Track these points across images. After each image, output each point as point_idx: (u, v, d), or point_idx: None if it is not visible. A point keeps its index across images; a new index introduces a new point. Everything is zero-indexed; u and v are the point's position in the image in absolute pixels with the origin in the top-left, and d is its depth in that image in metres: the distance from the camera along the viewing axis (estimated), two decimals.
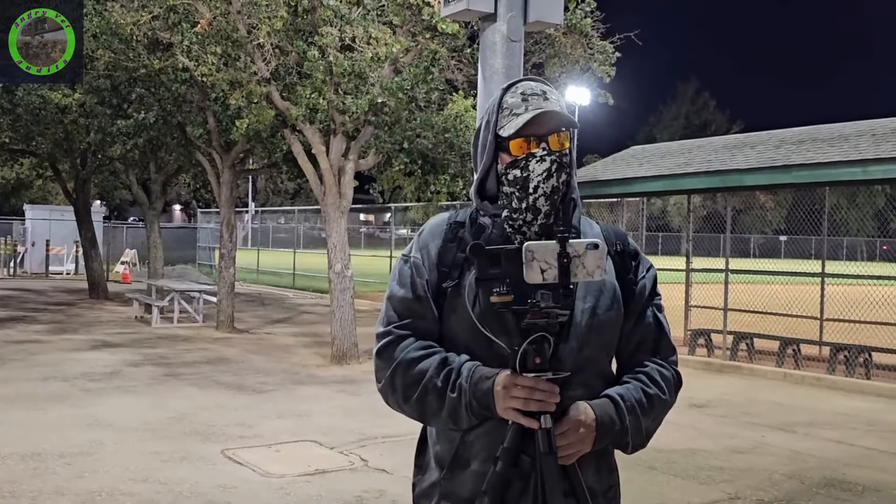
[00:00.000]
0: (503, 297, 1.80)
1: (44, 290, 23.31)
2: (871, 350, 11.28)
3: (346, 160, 11.87)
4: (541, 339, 1.79)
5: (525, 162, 1.95)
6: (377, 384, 2.06)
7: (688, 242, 14.80)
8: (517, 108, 1.98)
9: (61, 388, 9.25)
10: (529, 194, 1.94)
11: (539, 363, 1.81)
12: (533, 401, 1.81)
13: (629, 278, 2.07)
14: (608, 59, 12.57)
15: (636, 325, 2.08)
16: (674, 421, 8.38)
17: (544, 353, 1.81)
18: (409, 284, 2.03)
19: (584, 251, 1.80)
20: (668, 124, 79.04)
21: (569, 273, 1.79)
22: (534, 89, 2.01)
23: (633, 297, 2.06)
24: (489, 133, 2.02)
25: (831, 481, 6.47)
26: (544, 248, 1.79)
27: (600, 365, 2.03)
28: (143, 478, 6.02)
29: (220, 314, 15.07)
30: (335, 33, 10.48)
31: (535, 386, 1.81)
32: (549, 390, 1.81)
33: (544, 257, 1.79)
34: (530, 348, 1.80)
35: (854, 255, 35.05)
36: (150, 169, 20.24)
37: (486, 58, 6.90)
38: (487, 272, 1.84)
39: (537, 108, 1.96)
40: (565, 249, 1.79)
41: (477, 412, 1.90)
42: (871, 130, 12.60)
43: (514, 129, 1.96)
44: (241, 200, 40.94)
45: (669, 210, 43.41)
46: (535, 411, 1.82)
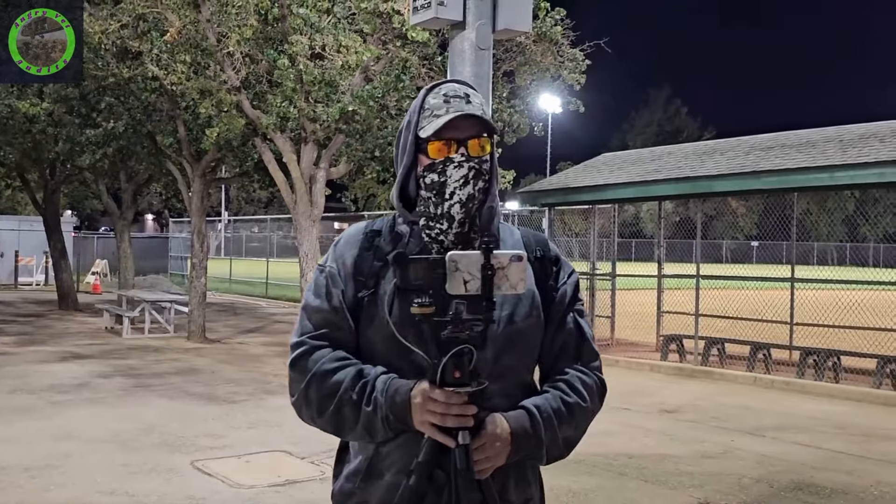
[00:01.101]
0: (424, 308, 1.76)
1: (12, 301, 23.02)
2: (839, 354, 11.39)
3: (318, 168, 11.84)
4: (461, 352, 1.75)
5: (443, 166, 1.92)
6: (290, 397, 2.00)
7: (659, 248, 14.89)
8: (438, 110, 1.94)
9: (28, 401, 9.14)
10: (445, 200, 1.92)
11: (458, 377, 1.76)
12: (450, 416, 1.77)
13: (550, 284, 2.04)
14: (578, 67, 12.64)
15: (557, 331, 2.04)
16: (644, 426, 8.47)
17: (464, 367, 1.76)
18: (325, 295, 1.98)
19: (508, 263, 1.76)
20: (641, 131, 79.54)
21: (492, 285, 1.75)
22: (457, 91, 1.96)
23: (553, 303, 2.03)
24: (410, 134, 1.98)
25: (799, 485, 6.51)
26: (468, 258, 1.75)
27: (519, 374, 2.00)
28: (111, 490, 5.95)
29: (191, 324, 14.95)
30: (305, 41, 10.46)
31: (452, 401, 1.77)
32: (466, 405, 1.77)
33: (468, 268, 1.75)
34: (450, 362, 1.75)
35: (825, 260, 35.42)
36: (121, 178, 20.06)
37: (455, 65, 6.90)
38: (409, 282, 1.80)
39: (458, 111, 1.92)
40: (489, 261, 1.75)
41: (394, 425, 1.86)
42: (839, 137, 12.75)
43: (432, 131, 1.92)
44: (213, 210, 40.72)
45: (643, 216, 43.70)
46: (452, 427, 1.78)
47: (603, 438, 7.93)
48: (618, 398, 10.20)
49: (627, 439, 8.00)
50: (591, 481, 6.46)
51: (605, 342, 14.71)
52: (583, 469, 6.77)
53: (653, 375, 12.44)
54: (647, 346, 14.43)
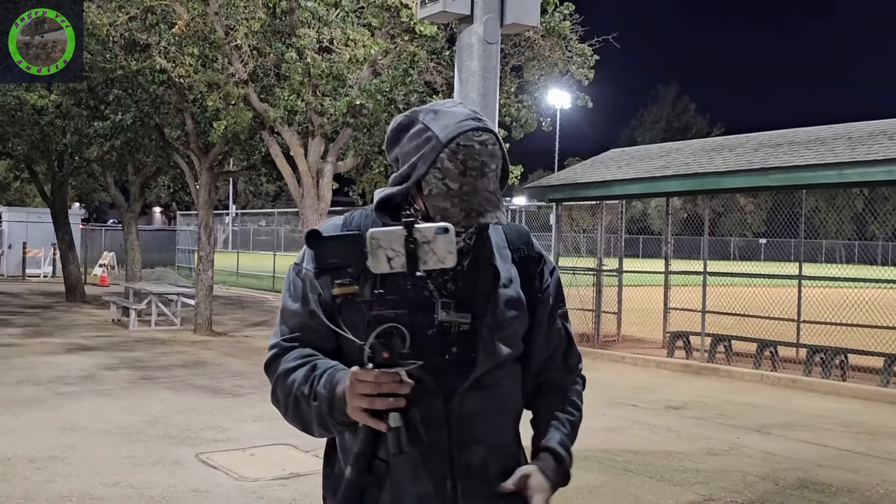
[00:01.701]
0: (345, 288, 1.70)
1: (20, 293, 23.10)
2: (847, 352, 11.35)
3: (325, 162, 11.83)
4: (389, 332, 1.66)
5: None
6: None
7: (666, 245, 14.85)
8: (452, 181, 1.81)
9: (34, 392, 9.16)
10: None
11: (388, 358, 1.66)
12: (378, 398, 1.67)
13: (535, 284, 2.02)
14: (587, 62, 12.59)
15: (546, 335, 2.05)
16: (650, 423, 8.46)
17: (394, 348, 1.66)
18: (301, 298, 1.93)
19: (433, 236, 1.66)
20: (650, 127, 79.39)
21: (417, 260, 1.66)
22: (475, 159, 1.82)
23: (540, 304, 2.02)
24: (413, 172, 1.85)
25: (805, 482, 6.49)
26: (390, 234, 1.66)
27: (508, 369, 1.97)
28: (115, 482, 5.96)
29: (197, 317, 14.98)
30: (313, 35, 10.44)
31: (378, 381, 1.66)
32: (397, 385, 1.68)
33: (390, 245, 1.66)
34: (377, 342, 1.66)
35: (833, 258, 35.29)
36: (128, 171, 20.09)
37: (463, 60, 6.89)
38: (327, 262, 1.73)
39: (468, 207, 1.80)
40: (412, 235, 1.66)
41: (338, 418, 1.79)
42: (848, 134, 12.69)
43: (437, 214, 1.81)
44: (221, 203, 40.79)
45: (650, 213, 43.60)
46: (381, 409, 1.68)
47: (608, 435, 7.93)
48: (623, 394, 10.19)
49: (633, 435, 7.98)
50: (595, 477, 6.44)
51: (612, 338, 14.69)
52: (588, 465, 6.75)
53: (659, 372, 12.42)
54: (653, 343, 14.40)
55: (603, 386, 10.73)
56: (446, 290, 1.89)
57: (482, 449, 1.91)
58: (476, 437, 1.89)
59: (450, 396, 1.86)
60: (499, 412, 1.95)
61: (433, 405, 1.84)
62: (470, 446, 1.89)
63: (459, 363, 1.86)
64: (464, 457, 1.88)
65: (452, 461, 1.87)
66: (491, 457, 1.92)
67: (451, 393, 1.86)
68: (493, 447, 1.93)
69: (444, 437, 1.86)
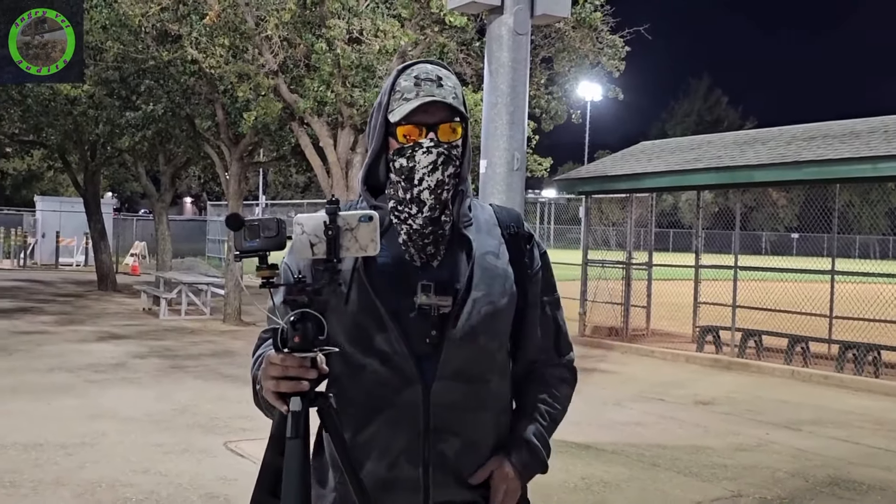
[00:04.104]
0: (262, 272, 1.71)
1: (53, 281, 23.39)
2: (880, 348, 11.19)
3: (354, 153, 11.83)
4: (303, 316, 1.68)
5: (411, 151, 1.86)
6: None
7: (697, 239, 14.72)
8: (408, 93, 1.86)
9: (66, 379, 9.27)
10: (414, 185, 1.86)
11: (299, 342, 1.67)
12: (283, 381, 1.69)
13: (524, 262, 1.99)
14: (618, 54, 12.49)
15: (535, 321, 2.02)
16: (678, 418, 8.40)
17: (306, 332, 1.67)
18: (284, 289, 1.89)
19: (356, 224, 1.68)
20: (681, 120, 78.68)
21: (337, 247, 1.68)
22: (428, 74, 1.89)
23: (529, 283, 1.99)
24: (380, 116, 1.91)
25: (835, 480, 6.41)
26: (313, 220, 1.68)
27: (493, 356, 1.94)
28: (144, 469, 6.01)
29: (227, 307, 15.08)
30: (343, 25, 10.44)
31: (284, 364, 1.68)
32: (302, 369, 1.68)
33: (314, 231, 1.68)
34: (289, 326, 1.68)
35: (867, 253, 34.80)
36: (159, 161, 20.26)
37: (493, 51, 6.86)
38: (243, 244, 1.73)
39: (428, 95, 1.85)
40: (335, 222, 1.67)
41: (263, 402, 1.81)
42: (884, 127, 12.48)
43: (401, 115, 1.85)
44: (251, 193, 40.95)
45: (681, 206, 43.24)
46: (285, 392, 1.70)
47: (636, 429, 7.88)
48: (652, 389, 10.12)
49: (661, 430, 7.92)
50: (623, 472, 6.40)
51: (641, 332, 14.60)
52: (616, 459, 6.72)
53: (688, 367, 12.32)
54: (682, 337, 14.29)
55: (631, 380, 10.68)
56: (427, 256, 1.88)
57: (458, 441, 1.88)
58: (453, 429, 1.87)
59: (430, 383, 1.84)
60: (479, 407, 1.91)
61: (411, 392, 1.84)
62: (446, 437, 1.87)
63: (440, 349, 1.84)
64: (439, 446, 1.86)
65: (427, 450, 1.85)
66: (467, 450, 1.90)
67: (432, 380, 1.84)
68: (470, 441, 1.90)
69: (420, 424, 1.84)
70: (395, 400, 1.85)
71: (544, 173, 16.55)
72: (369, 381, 1.86)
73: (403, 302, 1.83)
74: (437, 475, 1.86)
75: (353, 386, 1.89)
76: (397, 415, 1.85)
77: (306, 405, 1.71)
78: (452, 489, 1.89)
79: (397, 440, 1.85)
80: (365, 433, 1.88)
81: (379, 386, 1.85)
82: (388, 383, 1.85)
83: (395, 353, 1.83)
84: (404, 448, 1.85)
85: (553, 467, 2.06)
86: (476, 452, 1.91)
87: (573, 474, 6.20)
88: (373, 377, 1.86)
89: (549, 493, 5.67)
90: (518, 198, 6.70)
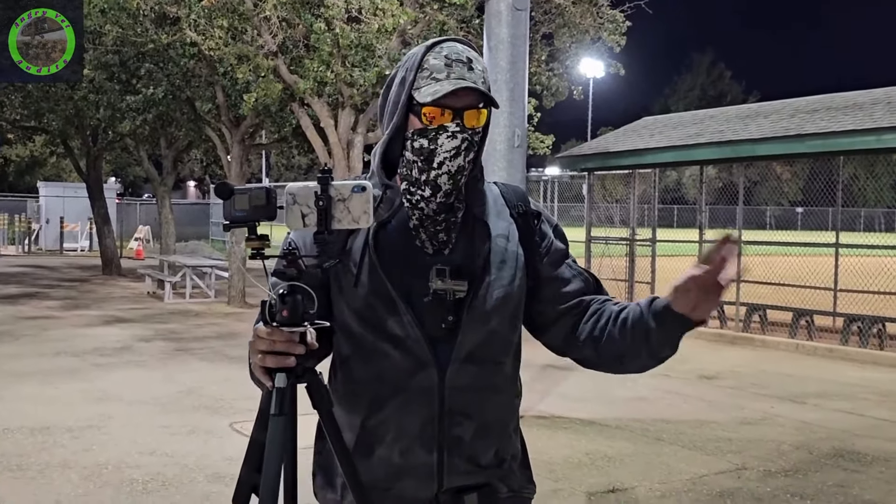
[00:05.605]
0: (251, 242, 1.66)
1: (57, 266, 23.44)
2: (885, 321, 11.18)
3: (355, 133, 11.82)
4: (293, 290, 1.63)
5: (435, 134, 1.79)
6: None
7: (701, 214, 14.68)
8: (438, 73, 1.79)
9: (72, 363, 9.30)
10: (433, 168, 1.80)
11: (287, 316, 1.62)
12: (269, 356, 1.64)
13: (535, 240, 1.95)
14: (618, 28, 12.43)
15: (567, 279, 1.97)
16: (683, 392, 8.41)
17: (295, 306, 1.62)
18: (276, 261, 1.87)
19: (349, 194, 1.62)
20: (684, 95, 78.35)
21: (330, 218, 1.62)
22: (460, 55, 1.81)
23: (542, 258, 1.94)
24: (403, 91, 1.82)
25: (840, 452, 6.42)
26: (305, 190, 1.62)
27: (507, 339, 1.91)
28: (151, 451, 6.04)
29: (231, 289, 15.11)
30: (341, 5, 10.39)
31: (270, 338, 1.63)
32: (289, 343, 1.64)
33: (305, 201, 1.62)
34: (277, 299, 1.62)
35: (872, 226, 34.73)
36: (161, 145, 20.24)
37: (492, 27, 6.82)
38: (232, 213, 1.67)
39: (460, 79, 1.78)
40: (326, 192, 1.61)
41: (253, 376, 1.77)
42: (887, 98, 12.41)
43: (431, 97, 1.78)
44: (254, 176, 40.93)
45: (685, 182, 43.08)
46: (271, 367, 1.65)
47: (640, 404, 7.89)
48: None
49: (665, 405, 7.93)
50: (627, 446, 6.42)
51: None
52: (620, 434, 6.73)
53: (692, 341, 12.23)
54: None
55: None
56: (439, 243, 1.84)
57: (472, 424, 1.85)
58: (468, 412, 1.84)
59: (445, 367, 1.81)
60: (493, 390, 1.89)
61: (425, 376, 1.81)
62: (461, 420, 1.84)
63: (456, 333, 1.81)
64: (454, 430, 1.83)
65: (441, 434, 1.82)
66: (481, 434, 1.87)
67: (447, 363, 1.81)
68: (484, 424, 1.87)
69: (434, 408, 1.82)
70: (409, 384, 1.81)
71: (546, 151, 16.52)
72: (381, 365, 1.83)
73: (416, 285, 1.80)
74: (451, 460, 1.84)
75: (363, 368, 1.86)
76: (411, 399, 1.82)
77: (293, 381, 1.67)
78: (466, 474, 1.86)
79: (411, 425, 1.82)
80: (376, 417, 1.85)
81: (391, 370, 1.82)
82: (401, 367, 1.81)
83: (409, 336, 1.79)
84: (418, 433, 1.82)
85: (557, 443, 2.06)
86: (489, 436, 1.89)
87: (577, 450, 6.21)
88: (385, 361, 1.83)
89: (553, 468, 5.69)
90: (519, 175, 6.68)
